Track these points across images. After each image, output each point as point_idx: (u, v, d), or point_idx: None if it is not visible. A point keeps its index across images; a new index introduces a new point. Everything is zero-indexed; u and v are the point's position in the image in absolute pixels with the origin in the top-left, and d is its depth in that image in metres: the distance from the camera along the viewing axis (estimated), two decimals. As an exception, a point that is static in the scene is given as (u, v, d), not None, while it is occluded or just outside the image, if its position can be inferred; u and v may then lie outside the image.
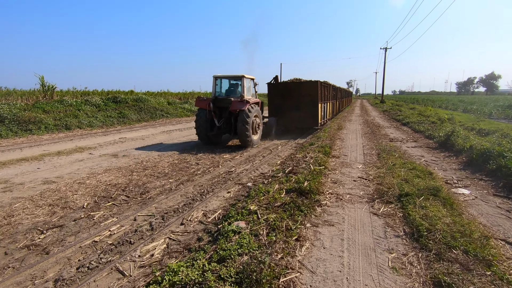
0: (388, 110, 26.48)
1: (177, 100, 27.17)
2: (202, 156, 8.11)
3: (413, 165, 5.63)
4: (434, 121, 14.03)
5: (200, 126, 9.36)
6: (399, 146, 8.58)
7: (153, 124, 16.33)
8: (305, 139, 11.24)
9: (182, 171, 6.55)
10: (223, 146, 9.64)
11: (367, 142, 9.52)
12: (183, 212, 4.29)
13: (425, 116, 19.58)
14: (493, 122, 18.87)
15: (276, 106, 12.63)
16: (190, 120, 19.00)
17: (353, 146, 8.81)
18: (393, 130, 12.97)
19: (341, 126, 14.36)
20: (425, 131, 11.02)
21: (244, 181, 5.76)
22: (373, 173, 5.50)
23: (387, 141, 9.60)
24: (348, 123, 16.49)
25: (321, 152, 7.18)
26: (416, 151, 7.87)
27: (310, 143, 9.10)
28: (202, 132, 9.41)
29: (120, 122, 16.11)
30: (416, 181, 4.48)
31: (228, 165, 7.12)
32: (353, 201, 4.00)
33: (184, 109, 23.56)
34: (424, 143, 9.08)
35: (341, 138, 10.53)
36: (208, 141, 9.70)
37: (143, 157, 7.89)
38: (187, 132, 13.20)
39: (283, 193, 4.19)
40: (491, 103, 33.45)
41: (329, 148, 7.87)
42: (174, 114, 20.83)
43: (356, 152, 7.92)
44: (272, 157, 8.01)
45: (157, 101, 23.08)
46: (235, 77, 9.96)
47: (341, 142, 9.67)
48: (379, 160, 6.60)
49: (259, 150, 9.08)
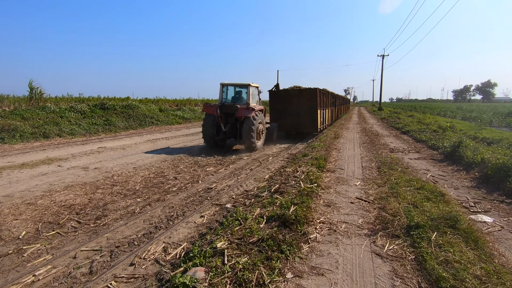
0: (386, 117, 25.86)
1: (170, 107, 26.46)
2: (183, 169, 7.28)
3: (420, 182, 4.84)
4: (436, 130, 13.32)
5: (207, 131, 9.80)
6: (401, 158, 7.80)
7: (140, 132, 15.50)
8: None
9: (155, 188, 5.71)
10: (210, 155, 8.82)
11: (365, 153, 8.74)
12: (139, 246, 3.45)
13: (425, 124, 18.92)
14: (495, 130, 18.23)
15: (277, 112, 13.19)
16: (180, 128, 18.22)
17: (351, 158, 8.02)
18: (392, 139, 12.23)
19: (338, 134, 13.61)
20: (428, 140, 10.27)
21: (223, 201, 4.93)
22: (373, 192, 4.69)
23: (387, 152, 8.83)
24: (345, 131, 15.76)
25: (315, 166, 6.38)
26: (420, 164, 7.09)
27: (303, 153, 8.31)
28: (209, 136, 9.85)
29: (106, 130, 15.27)
30: (427, 206, 3.68)
31: (209, 180, 6.29)
32: (350, 234, 3.18)
33: (176, 116, 22.79)
34: (428, 154, 8.31)
35: (337, 148, 9.75)
36: (214, 145, 10.11)
37: (115, 170, 7.05)
38: (174, 141, 12.38)
39: (263, 222, 3.37)
40: (490, 111, 33.01)
41: (323, 160, 7.08)
42: (164, 122, 20.03)
43: (354, 164, 7.12)
44: (261, 170, 7.19)
45: (148, 108, 22.30)
46: (241, 85, 10.47)
47: (337, 152, 8.88)
48: (379, 176, 5.80)
49: (248, 161, 8.27)
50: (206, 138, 9.96)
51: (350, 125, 20.24)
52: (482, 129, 18.20)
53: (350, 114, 36.54)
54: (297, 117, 12.90)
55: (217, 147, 10.17)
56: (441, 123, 20.38)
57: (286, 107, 12.99)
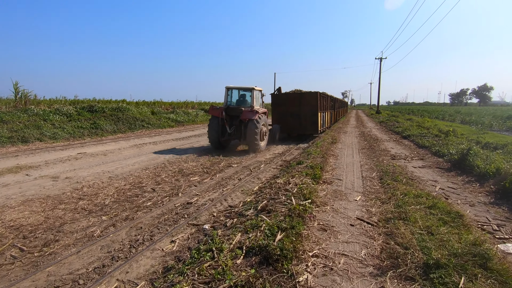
0: (385, 121, 25.30)
1: (165, 109, 25.74)
2: (164, 179, 6.56)
3: (431, 199, 4.16)
4: (437, 134, 12.72)
5: (212, 132, 10.17)
6: (404, 166, 7.14)
7: (129, 136, 14.76)
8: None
9: (127, 202, 4.99)
10: (197, 162, 8.11)
11: (365, 160, 8.08)
12: (84, 286, 2.73)
13: (425, 128, 18.36)
14: (497, 134, 17.69)
15: (279, 115, 13.67)
16: (171, 132, 17.48)
17: (349, 166, 7.35)
18: (393, 144, 11.59)
19: (335, 139, 12.95)
20: (431, 146, 9.64)
21: (201, 220, 4.22)
22: (377, 211, 4.00)
23: (389, 159, 8.17)
24: (343, 135, 15.12)
25: (309, 176, 5.69)
26: (426, 174, 6.42)
27: (298, 161, 7.62)
28: (214, 137, 10.21)
29: (92, 134, 14.50)
30: (444, 233, 2.99)
31: (191, 192, 5.57)
32: (351, 274, 2.48)
33: (169, 119, 22.05)
34: (433, 162, 7.66)
35: (335, 154, 9.08)
36: (219, 146, 10.45)
37: (88, 181, 6.31)
38: (161, 146, 11.65)
39: (241, 256, 2.67)
40: (489, 114, 32.62)
41: (319, 169, 6.40)
42: (156, 125, 19.28)
43: (353, 174, 6.45)
44: (250, 180, 6.50)
45: (139, 110, 21.59)
46: (246, 89, 10.89)
47: (334, 159, 8.21)
48: (383, 188, 5.12)
49: (237, 170, 7.56)
50: (212, 139, 10.32)
51: (348, 128, 19.62)
52: (483, 133, 17.65)
53: (348, 117, 36.00)
54: (298, 119, 13.34)
55: (222, 149, 10.51)
56: (442, 127, 19.83)
57: (288, 110, 13.39)
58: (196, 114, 26.86)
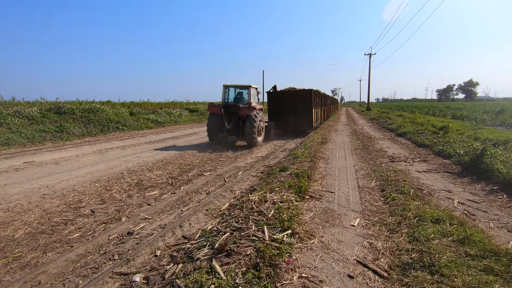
0: (376, 118, 24.44)
1: (144, 110, 24.16)
2: (114, 194, 5.23)
3: (458, 226, 2.99)
4: (436, 131, 11.75)
5: (211, 129, 10.50)
6: (407, 171, 6.02)
7: (97, 140, 13.23)
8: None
9: (45, 234, 3.67)
10: (164, 170, 6.80)
11: (360, 164, 6.93)
12: None
13: (419, 125, 17.47)
14: (493, 129, 16.96)
15: (275, 112, 14.11)
16: (148, 134, 15.99)
17: (342, 172, 6.18)
18: (388, 143, 10.53)
19: (325, 138, 11.82)
20: (432, 145, 8.59)
21: (136, 264, 2.94)
22: (385, 246, 2.81)
23: (387, 161, 7.05)
24: (334, 134, 14.02)
25: (293, 189, 4.48)
26: (435, 180, 5.30)
27: (282, 166, 6.41)
28: (213, 134, 10.55)
29: (55, 138, 12.93)
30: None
31: (139, 215, 4.27)
32: None
33: (148, 120, 20.53)
34: (439, 165, 6.57)
35: (325, 157, 7.91)
36: (218, 142, 10.80)
37: (11, 200, 4.92)
38: (131, 151, 10.25)
39: None
40: (479, 109, 32.29)
41: (306, 178, 5.20)
42: (132, 127, 17.74)
43: (347, 183, 5.27)
44: (220, 193, 5.23)
45: (115, 111, 19.99)
46: (243, 86, 11.31)
47: (325, 163, 7.03)
48: (387, 205, 3.94)
49: (208, 179, 6.28)
50: (211, 135, 10.66)
51: (338, 126, 18.58)
52: (479, 128, 16.90)
53: (338, 115, 35.14)
54: (294, 116, 13.74)
55: (220, 144, 10.76)
56: (435, 123, 19.03)
57: (284, 107, 13.84)
58: (179, 114, 25.36)
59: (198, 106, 30.23)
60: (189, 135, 15.18)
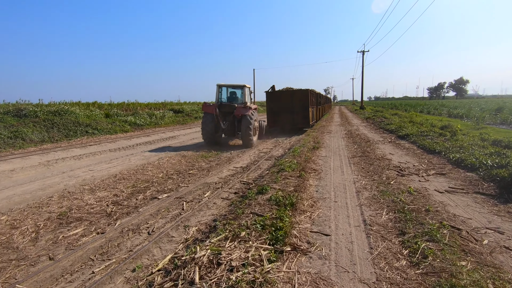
0: (371, 117, 23.13)
1: (123, 111, 22.33)
2: (16, 235, 3.60)
3: None
4: (443, 133, 10.37)
5: (206, 129, 10.25)
6: (424, 191, 4.54)
7: (56, 147, 11.45)
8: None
9: None
10: (111, 191, 5.19)
11: (361, 179, 5.44)
12: None
13: (419, 124, 16.19)
14: (497, 129, 15.80)
15: (274, 111, 14.61)
16: (120, 138, 14.20)
17: (339, 193, 4.67)
18: (390, 147, 9.10)
19: (318, 142, 10.34)
20: (445, 151, 7.16)
21: None
22: None
23: (395, 175, 5.58)
24: (327, 136, 12.56)
25: (267, 234, 2.94)
26: (470, 209, 3.83)
27: (261, 185, 4.88)
28: (208, 134, 10.32)
29: (8, 145, 11.10)
30: None
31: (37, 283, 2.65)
32: None
33: (125, 123, 18.72)
34: (464, 180, 5.11)
35: (317, 169, 6.40)
36: (212, 142, 10.63)
37: None
38: (86, 161, 8.57)
39: None
40: (475, 107, 31.39)
41: (290, 207, 3.68)
42: (105, 130, 15.94)
43: (348, 215, 3.76)
44: (169, 232, 3.66)
45: (87, 113, 18.17)
46: (237, 86, 11.24)
47: (316, 179, 5.52)
48: (416, 271, 2.42)
49: (161, 206, 4.67)
50: (205, 135, 10.39)
51: (332, 127, 17.16)
52: (482, 128, 15.71)
53: (332, 114, 33.82)
54: (291, 114, 14.24)
55: (215, 145, 10.66)
56: (434, 122, 17.80)
57: (282, 106, 14.32)
58: (162, 115, 23.58)
59: (183, 107, 28.47)
60: (166, 140, 13.52)
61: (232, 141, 12.14)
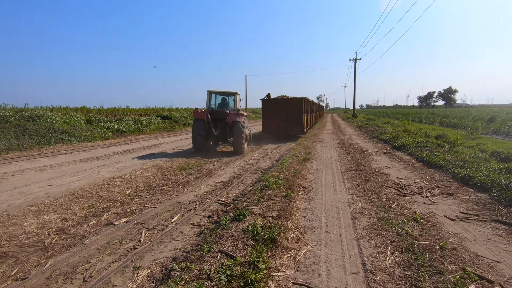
0: (364, 125, 22.67)
1: (105, 117, 21.28)
2: None
3: None
4: (441, 144, 9.77)
5: (197, 135, 10.04)
6: (433, 218, 3.80)
7: (22, 156, 10.38)
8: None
9: None
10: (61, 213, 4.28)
11: (357, 200, 4.68)
12: None
13: (413, 133, 15.70)
14: (492, 139, 15.37)
15: (269, 118, 15.02)
16: (97, 146, 13.18)
17: (332, 221, 3.89)
18: (386, 159, 8.42)
19: (309, 152, 9.61)
20: (447, 166, 6.50)
21: None
22: None
23: (395, 195, 4.85)
24: (319, 145, 11.86)
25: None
26: (493, 245, 3.09)
27: (238, 212, 4.06)
28: (199, 140, 10.10)
29: (-34, 154, 10.00)
30: None
31: None
32: None
33: (107, 129, 17.71)
34: (476, 203, 4.40)
35: (306, 186, 5.62)
36: (203, 149, 10.37)
37: None
38: (48, 174, 7.58)
39: None
40: (467, 116, 31.39)
41: (270, 243, 2.90)
42: (83, 137, 14.88)
43: (343, 256, 2.97)
44: (110, 279, 2.79)
45: (65, 119, 17.11)
46: (229, 93, 11.28)
47: (305, 200, 4.73)
48: None
49: (115, 236, 3.80)
50: (196, 142, 10.19)
51: (324, 135, 16.52)
52: (477, 138, 15.30)
53: (324, 122, 33.36)
54: (286, 121, 14.61)
55: (204, 151, 10.46)
56: (428, 131, 17.33)
57: (277, 113, 14.70)
58: (148, 122, 22.60)
59: (172, 113, 27.54)
60: (147, 148, 12.58)
61: (220, 147, 12.11)
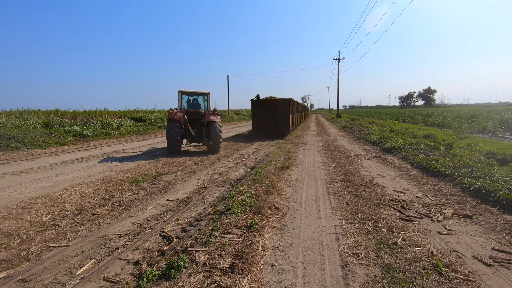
0: (349, 125, 21.83)
1: (68, 120, 19.26)
2: None
3: None
4: (436, 146, 8.79)
5: (173, 137, 9.77)
6: (460, 262, 2.61)
7: None
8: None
9: None
10: None
11: (348, 229, 3.43)
12: None
13: (400, 134, 14.86)
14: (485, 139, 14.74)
15: (258, 118, 16.05)
16: (45, 154, 11.35)
17: (313, 272, 2.63)
18: (377, 165, 7.29)
19: (290, 157, 8.38)
20: (452, 175, 5.39)
21: None
22: None
23: (396, 219, 3.64)
24: (301, 149, 10.66)
25: None
26: None
27: (175, 259, 2.72)
28: (174, 142, 9.85)
29: None
30: None
31: None
32: None
33: (68, 133, 15.80)
34: (509, 231, 3.25)
35: (281, 206, 4.33)
36: (178, 151, 10.19)
37: None
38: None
39: None
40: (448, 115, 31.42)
41: None
42: (35, 143, 12.95)
43: None
44: None
45: (19, 122, 15.10)
46: (201, 93, 11.28)
47: (277, 233, 3.43)
48: None
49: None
50: (172, 144, 9.92)
51: (308, 137, 15.40)
52: (464, 137, 14.68)
53: (308, 122, 32.45)
54: (273, 121, 15.74)
55: (178, 154, 10.19)
56: (415, 131, 16.60)
57: (265, 114, 15.81)
58: (119, 125, 20.69)
59: (147, 115, 25.65)
60: (107, 155, 10.92)
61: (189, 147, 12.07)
